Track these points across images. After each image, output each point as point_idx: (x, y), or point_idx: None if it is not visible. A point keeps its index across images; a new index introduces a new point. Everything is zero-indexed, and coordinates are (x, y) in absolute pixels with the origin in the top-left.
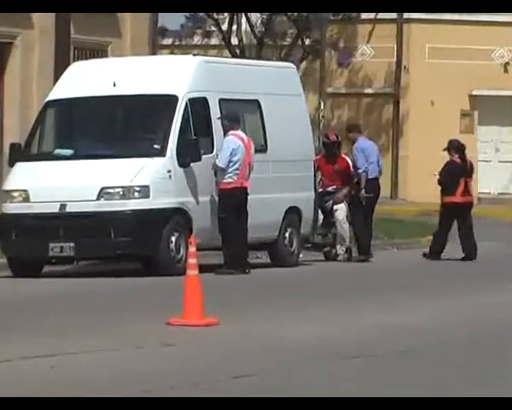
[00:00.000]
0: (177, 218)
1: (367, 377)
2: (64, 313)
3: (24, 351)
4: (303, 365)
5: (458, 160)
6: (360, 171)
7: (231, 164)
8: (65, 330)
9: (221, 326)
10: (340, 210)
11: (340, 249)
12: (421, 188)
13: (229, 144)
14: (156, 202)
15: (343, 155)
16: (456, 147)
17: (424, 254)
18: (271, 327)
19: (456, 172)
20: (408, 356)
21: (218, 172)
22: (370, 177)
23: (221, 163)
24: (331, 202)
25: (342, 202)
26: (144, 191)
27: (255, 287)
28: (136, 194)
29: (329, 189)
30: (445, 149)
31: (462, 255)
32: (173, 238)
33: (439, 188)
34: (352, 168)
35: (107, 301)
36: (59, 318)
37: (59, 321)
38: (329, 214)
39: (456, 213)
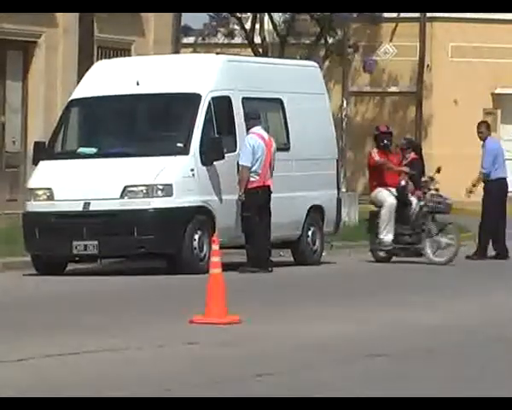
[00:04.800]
0: (200, 216)
1: (390, 377)
2: (87, 312)
3: (47, 349)
4: (326, 364)
5: (416, 156)
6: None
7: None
8: (88, 329)
9: (244, 325)
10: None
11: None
12: (444, 185)
13: (250, 142)
14: (179, 200)
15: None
16: (416, 145)
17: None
18: (294, 326)
19: (421, 167)
20: (432, 355)
21: (244, 170)
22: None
23: (246, 162)
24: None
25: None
26: (167, 190)
27: (278, 285)
28: (160, 192)
29: (403, 183)
30: (403, 149)
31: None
32: (196, 237)
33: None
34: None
35: (130, 299)
36: (82, 316)
37: (82, 319)
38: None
39: None
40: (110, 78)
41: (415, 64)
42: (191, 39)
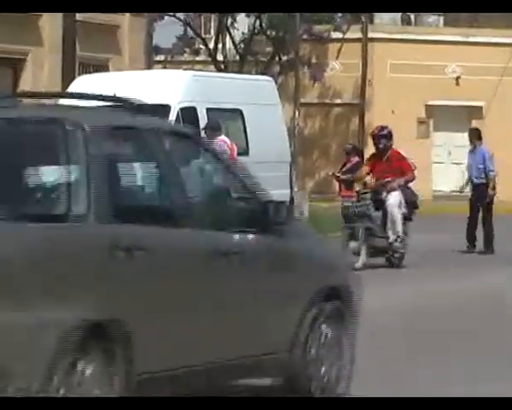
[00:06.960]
0: None
1: None
2: None
3: None
4: None
5: (359, 160)
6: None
7: None
8: None
9: None
10: (394, 197)
11: (392, 237)
12: None
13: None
14: None
15: (394, 148)
16: (359, 150)
17: None
18: None
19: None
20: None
21: None
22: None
23: None
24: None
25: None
26: None
27: None
28: None
29: (382, 181)
30: (348, 153)
31: None
32: None
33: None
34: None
35: None
36: None
37: None
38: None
39: None
40: (90, 91)
41: (358, 79)
42: (161, 57)
